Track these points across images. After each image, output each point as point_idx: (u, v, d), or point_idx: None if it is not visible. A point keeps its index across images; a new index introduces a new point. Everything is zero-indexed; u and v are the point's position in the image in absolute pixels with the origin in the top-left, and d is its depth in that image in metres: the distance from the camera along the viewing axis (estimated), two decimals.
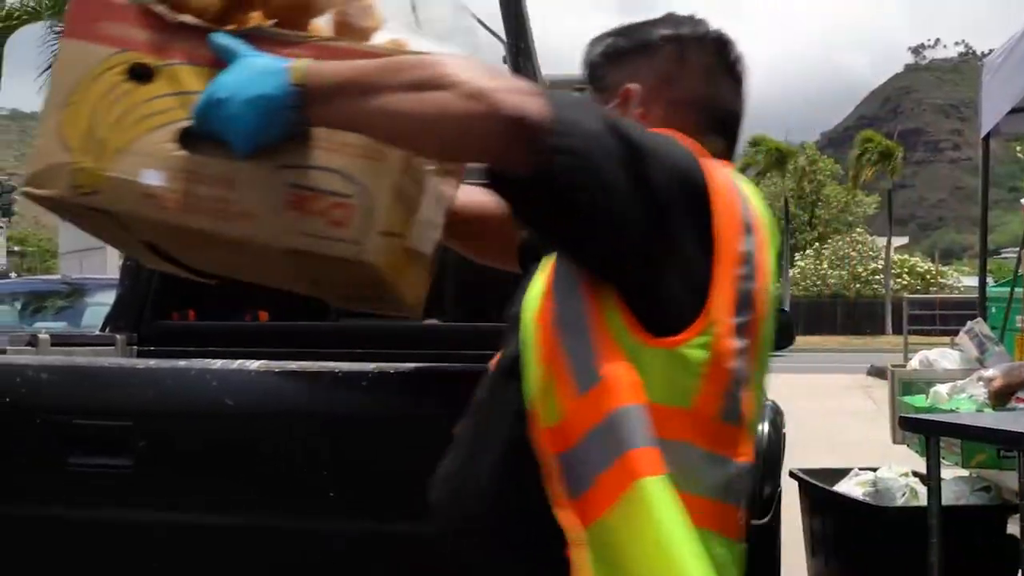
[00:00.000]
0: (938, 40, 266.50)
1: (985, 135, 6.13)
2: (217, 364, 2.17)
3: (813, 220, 52.26)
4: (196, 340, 3.41)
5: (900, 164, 49.68)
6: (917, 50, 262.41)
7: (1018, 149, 28.15)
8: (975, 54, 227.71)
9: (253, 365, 2.12)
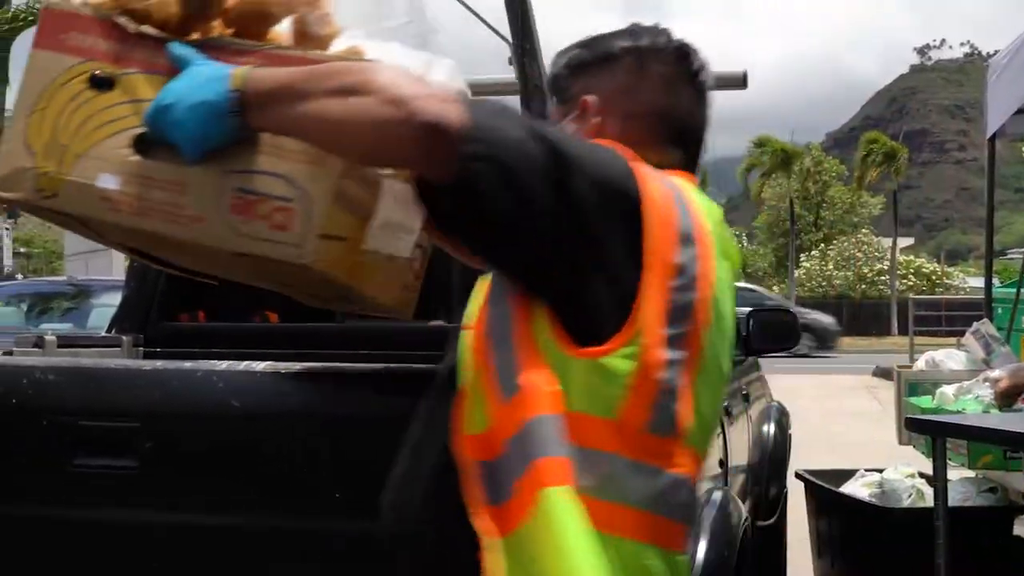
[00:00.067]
0: (944, 41, 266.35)
1: (991, 136, 6.11)
2: (223, 366, 2.17)
3: (818, 221, 52.20)
4: (202, 341, 3.42)
5: (905, 165, 49.60)
6: (923, 51, 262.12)
7: None
8: (981, 55, 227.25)
9: (259, 367, 2.12)
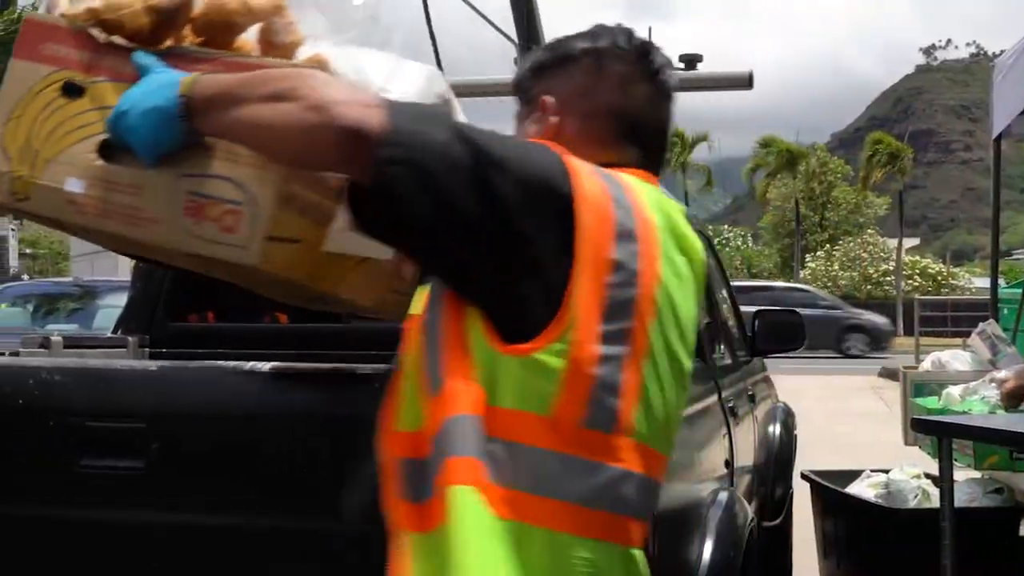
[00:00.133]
0: (949, 41, 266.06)
1: (996, 136, 6.11)
2: (229, 366, 2.17)
3: (823, 222, 52.13)
4: (208, 342, 3.42)
5: (909, 165, 49.53)
6: (928, 51, 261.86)
7: None
8: (987, 55, 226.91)
9: (265, 367, 2.13)
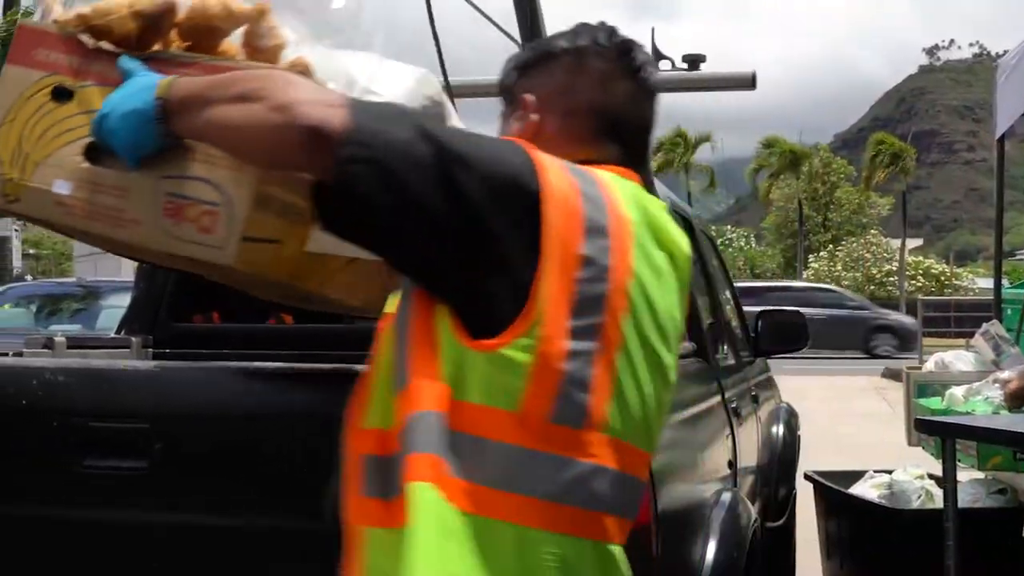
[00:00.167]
0: (952, 41, 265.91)
1: (1000, 136, 6.10)
2: (233, 366, 2.17)
3: (826, 222, 52.10)
4: (211, 343, 3.43)
5: (912, 165, 49.48)
6: (931, 51, 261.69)
7: None
8: (990, 55, 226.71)
9: (268, 367, 2.13)
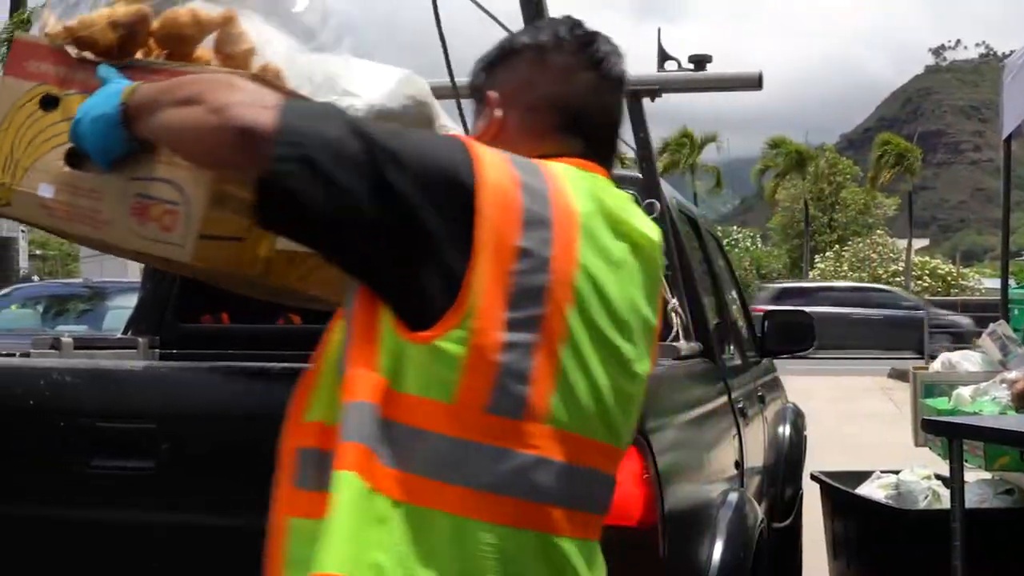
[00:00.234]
0: (959, 41, 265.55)
1: (1007, 136, 6.09)
2: (239, 367, 2.18)
3: (832, 223, 52.01)
4: (217, 343, 3.43)
5: (918, 165, 49.38)
6: (937, 51, 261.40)
7: None
8: (996, 55, 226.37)
9: (276, 367, 2.13)
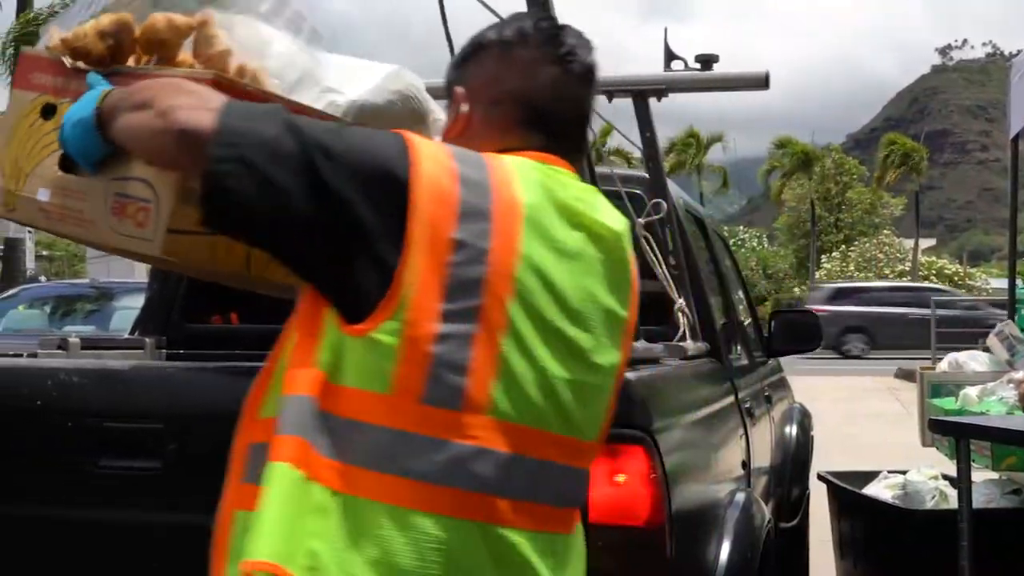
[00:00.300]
0: (965, 41, 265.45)
1: (1014, 136, 6.07)
2: (246, 367, 2.18)
3: (839, 223, 51.93)
4: (224, 343, 3.43)
5: (924, 165, 49.31)
6: (944, 51, 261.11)
7: None
8: (1003, 54, 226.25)
9: None
